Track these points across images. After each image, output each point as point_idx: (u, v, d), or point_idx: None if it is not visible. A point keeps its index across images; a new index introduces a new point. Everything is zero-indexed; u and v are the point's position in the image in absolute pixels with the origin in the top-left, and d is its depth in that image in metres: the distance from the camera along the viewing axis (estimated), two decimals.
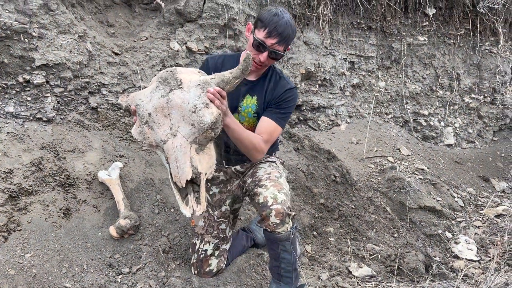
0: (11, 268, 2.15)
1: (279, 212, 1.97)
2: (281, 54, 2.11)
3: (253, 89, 2.26)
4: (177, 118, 1.80)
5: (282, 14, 2.04)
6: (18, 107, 2.72)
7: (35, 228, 2.39)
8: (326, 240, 3.13)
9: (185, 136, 1.78)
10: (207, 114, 1.77)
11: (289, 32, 2.05)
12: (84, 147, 2.88)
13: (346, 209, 3.42)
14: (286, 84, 2.24)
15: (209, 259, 2.38)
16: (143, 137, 1.87)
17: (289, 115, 2.30)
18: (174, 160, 1.78)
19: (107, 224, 2.63)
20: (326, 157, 3.91)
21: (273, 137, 2.22)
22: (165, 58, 3.24)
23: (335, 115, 4.61)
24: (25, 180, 2.50)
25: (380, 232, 3.32)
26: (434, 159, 4.71)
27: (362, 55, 4.76)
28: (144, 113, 1.85)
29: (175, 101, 1.79)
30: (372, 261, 2.95)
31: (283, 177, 2.24)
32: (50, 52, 2.76)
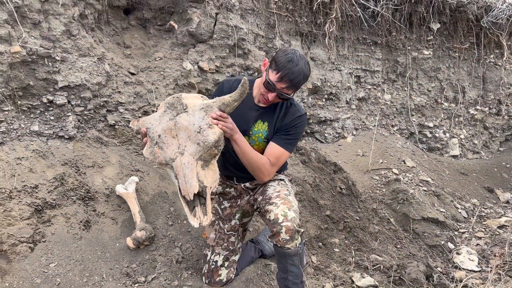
0: (37, 277, 2.34)
1: (289, 229, 2.10)
2: (288, 97, 2.24)
3: (264, 115, 2.39)
4: (184, 138, 2.01)
5: (298, 61, 2.13)
6: (42, 126, 2.92)
7: (58, 240, 2.58)
8: (331, 250, 3.27)
9: (192, 154, 1.98)
10: (210, 134, 1.98)
11: (300, 79, 2.16)
12: (102, 163, 3.07)
13: (351, 221, 3.56)
14: (296, 112, 2.36)
15: (219, 270, 2.54)
16: (154, 156, 2.08)
17: (297, 141, 2.43)
18: (182, 176, 1.97)
19: (124, 235, 2.81)
20: (332, 169, 4.05)
21: (280, 161, 2.36)
22: (178, 77, 3.43)
23: (341, 127, 4.76)
24: (49, 194, 2.69)
25: (383, 243, 3.46)
26: (439, 170, 4.82)
27: (367, 69, 4.91)
28: (154, 135, 2.07)
29: (181, 124, 2.02)
30: (375, 272, 3.08)
31: (291, 195, 2.36)
32: (71, 74, 2.96)
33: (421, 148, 5.22)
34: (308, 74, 2.22)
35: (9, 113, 2.76)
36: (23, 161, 2.71)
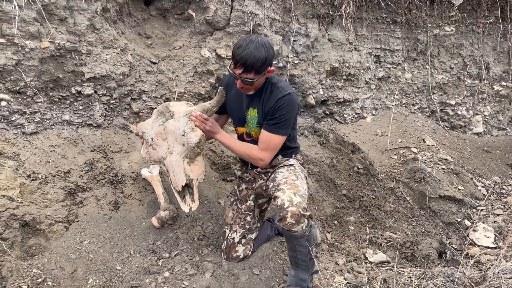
0: (72, 253, 2.59)
1: (294, 214, 2.22)
2: (252, 81, 2.28)
3: (253, 102, 2.51)
4: (172, 141, 2.43)
5: (246, 45, 2.20)
6: (72, 115, 3.15)
7: (90, 219, 2.82)
8: (346, 228, 3.40)
9: (179, 153, 2.40)
10: (193, 136, 2.38)
11: (252, 62, 2.19)
12: (128, 148, 3.28)
13: (367, 199, 3.67)
14: (279, 93, 2.37)
15: (236, 246, 2.73)
16: (149, 155, 2.54)
17: (286, 122, 2.40)
18: (172, 171, 2.41)
19: (149, 215, 3.03)
20: (350, 149, 4.14)
21: (270, 146, 2.44)
22: (197, 65, 3.58)
23: (360, 108, 4.81)
24: (80, 178, 2.94)
25: (398, 220, 3.55)
26: (460, 148, 4.82)
27: (387, 49, 4.91)
28: (148, 138, 2.53)
29: (169, 128, 2.44)
30: (388, 248, 3.20)
31: (299, 179, 2.46)
32: (97, 66, 3.16)
33: (442, 126, 5.20)
34: (262, 55, 2.21)
35: (42, 104, 3.00)
36: (56, 148, 2.96)
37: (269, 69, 2.35)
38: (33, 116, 2.95)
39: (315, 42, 4.32)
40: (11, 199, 2.59)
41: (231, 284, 2.61)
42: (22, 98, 2.90)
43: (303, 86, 4.25)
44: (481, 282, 2.63)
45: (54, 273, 2.44)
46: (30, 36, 2.83)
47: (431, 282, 2.58)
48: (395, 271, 2.82)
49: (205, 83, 3.64)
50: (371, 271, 2.88)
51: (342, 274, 2.81)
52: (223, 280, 2.61)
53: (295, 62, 4.15)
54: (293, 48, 4.13)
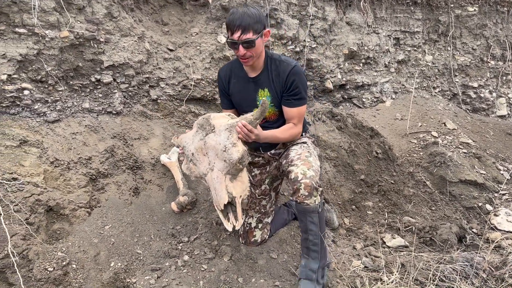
0: (95, 237, 2.68)
1: (308, 185, 2.25)
2: (253, 40, 2.30)
3: (260, 82, 2.55)
4: (213, 156, 2.28)
5: (237, 9, 2.30)
6: (92, 103, 3.21)
7: (111, 205, 2.90)
8: (364, 213, 3.40)
9: (220, 170, 2.25)
10: (234, 152, 2.22)
11: (246, 20, 2.26)
12: (147, 135, 3.34)
13: (385, 184, 3.65)
14: (287, 66, 2.45)
15: (253, 231, 2.77)
16: (190, 171, 2.41)
17: (305, 91, 2.52)
18: (213, 189, 2.27)
19: (169, 200, 3.09)
20: (369, 134, 4.10)
21: (301, 117, 2.57)
22: (213, 51, 3.59)
23: (379, 92, 4.74)
24: (101, 165, 3.01)
25: (418, 205, 3.53)
26: (483, 132, 4.72)
27: (407, 31, 4.80)
28: (189, 153, 2.40)
29: (210, 143, 2.29)
30: (407, 233, 3.18)
31: (313, 156, 2.50)
32: (115, 54, 3.20)
33: (464, 110, 5.09)
34: (254, 11, 2.30)
35: (63, 92, 3.06)
36: (77, 135, 3.03)
37: (265, 32, 2.38)
38: (54, 104, 3.03)
39: (332, 25, 4.27)
40: (36, 185, 2.68)
41: (249, 268, 2.65)
42: (44, 87, 2.97)
43: (321, 71, 4.21)
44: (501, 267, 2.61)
45: (78, 257, 2.53)
46: (49, 25, 2.88)
47: (450, 267, 2.56)
48: (413, 256, 2.82)
49: None
50: (388, 255, 2.88)
51: (359, 258, 2.82)
52: (241, 264, 2.66)
53: (312, 46, 4.11)
54: (310, 32, 4.09)
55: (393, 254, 2.88)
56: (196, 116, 3.61)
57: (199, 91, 3.58)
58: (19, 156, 2.73)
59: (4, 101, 2.81)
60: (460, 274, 2.53)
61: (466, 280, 2.50)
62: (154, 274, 2.54)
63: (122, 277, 2.52)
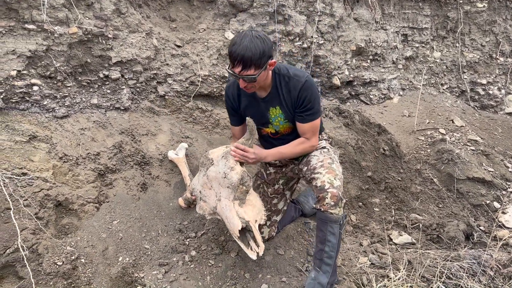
0: (103, 232, 2.70)
1: (334, 195, 2.21)
2: (253, 77, 2.16)
3: (271, 101, 2.44)
4: (217, 186, 2.33)
5: (240, 40, 2.10)
6: (101, 99, 3.23)
7: (120, 200, 2.92)
8: (371, 210, 3.40)
9: (226, 197, 2.28)
10: (234, 175, 2.26)
11: (248, 55, 2.08)
12: (155, 131, 3.35)
13: (392, 181, 3.64)
14: (297, 83, 2.32)
15: (261, 228, 2.76)
16: (203, 210, 2.43)
17: (318, 104, 2.40)
18: (225, 218, 2.26)
19: (176, 196, 3.11)
20: (376, 131, 4.09)
21: (315, 130, 2.46)
22: (221, 47, 3.59)
23: (387, 88, 4.73)
24: (109, 160, 3.03)
25: (425, 202, 3.52)
26: (491, 129, 4.68)
27: (415, 27, 4.77)
28: (197, 193, 2.48)
29: (211, 175, 2.37)
30: (414, 230, 3.18)
31: (335, 162, 2.44)
32: (123, 50, 3.22)
33: (472, 107, 5.06)
34: (259, 47, 2.10)
35: (71, 88, 3.09)
36: (86, 131, 3.05)
37: (270, 62, 2.22)
38: (63, 100, 3.05)
39: (340, 21, 4.25)
40: (45, 180, 2.71)
41: (255, 263, 2.67)
42: (52, 82, 2.99)
43: (328, 67, 4.20)
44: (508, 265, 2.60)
45: (86, 251, 2.56)
46: (58, 22, 2.90)
47: (457, 264, 2.56)
48: (420, 253, 2.82)
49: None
50: (395, 252, 2.88)
51: (366, 255, 2.82)
52: (248, 259, 2.67)
53: (319, 43, 4.10)
54: (318, 28, 4.08)
55: (399, 251, 2.88)
56: (204, 112, 3.62)
57: (206, 87, 3.59)
58: (28, 152, 2.76)
59: (13, 97, 2.84)
60: (467, 272, 2.53)
61: (473, 278, 2.50)
62: (161, 269, 2.56)
63: (130, 272, 2.55)
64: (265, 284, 2.52)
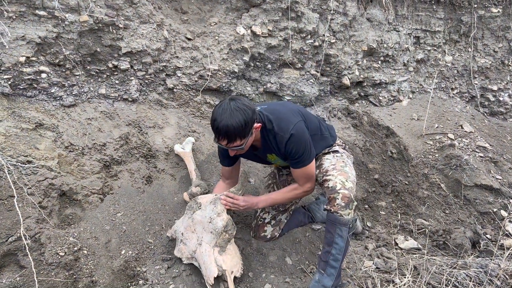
0: (106, 224, 2.67)
1: (346, 196, 2.19)
2: (240, 147, 2.18)
3: (265, 150, 2.48)
4: (200, 231, 2.34)
5: (220, 116, 2.07)
6: (109, 89, 3.19)
7: (124, 192, 2.89)
8: (377, 213, 3.36)
9: (208, 242, 2.29)
10: (219, 221, 2.30)
11: (231, 131, 2.07)
12: (162, 124, 3.32)
13: (399, 185, 3.60)
14: (282, 140, 2.29)
15: (265, 226, 2.74)
16: (181, 253, 2.39)
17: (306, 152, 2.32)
18: (203, 263, 2.25)
19: (181, 190, 3.07)
20: (385, 133, 4.05)
21: (308, 176, 2.43)
22: (231, 42, 3.55)
23: (397, 90, 4.67)
24: (115, 151, 2.99)
25: (431, 208, 3.47)
26: (500, 136, 4.63)
27: (428, 30, 4.71)
28: (178, 235, 2.46)
29: (197, 219, 2.38)
30: (420, 235, 3.14)
31: (348, 166, 2.44)
32: (133, 40, 3.17)
33: (482, 113, 5.00)
34: (239, 120, 2.06)
35: (80, 77, 3.05)
36: (92, 121, 3.02)
37: (255, 126, 2.21)
38: (71, 88, 3.01)
39: (353, 21, 4.20)
40: (50, 169, 2.67)
41: (259, 263, 2.63)
42: (61, 71, 2.96)
43: (339, 66, 4.15)
44: None
45: (89, 243, 2.53)
46: (69, 9, 2.86)
47: (464, 272, 2.52)
48: (426, 259, 2.78)
49: (239, 61, 3.60)
50: (401, 257, 2.84)
51: (371, 259, 2.79)
52: (252, 258, 2.64)
53: (331, 41, 4.05)
54: (330, 27, 4.03)
55: (405, 256, 2.85)
56: (211, 107, 3.58)
57: (215, 82, 3.55)
58: (34, 139, 2.72)
59: (21, 83, 2.80)
60: (473, 281, 2.49)
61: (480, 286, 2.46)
62: (164, 264, 2.53)
63: (133, 266, 2.51)
64: (268, 284, 2.49)
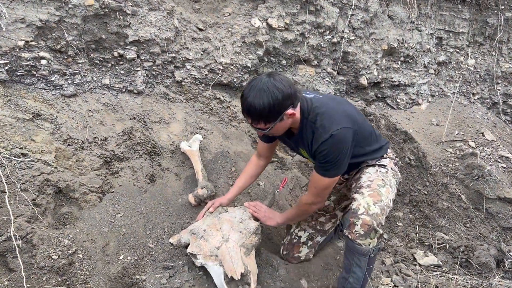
0: (105, 226, 2.46)
1: (366, 224, 1.90)
2: (263, 130, 1.95)
3: (299, 142, 2.17)
4: (227, 229, 2.28)
5: (248, 93, 1.86)
6: (113, 80, 2.98)
7: (125, 191, 2.68)
8: (394, 224, 3.14)
9: (235, 240, 2.22)
10: (251, 223, 2.32)
11: (253, 111, 1.85)
12: (169, 119, 3.11)
13: (418, 194, 3.38)
14: (320, 137, 1.97)
15: (300, 246, 2.50)
16: (199, 248, 2.26)
17: (335, 163, 2.01)
18: (229, 258, 2.14)
19: (186, 191, 2.87)
20: (402, 138, 3.83)
21: (320, 189, 2.13)
22: (245, 34, 3.33)
23: (416, 93, 4.45)
24: (117, 147, 2.79)
25: (451, 221, 3.26)
26: None
27: (451, 31, 4.48)
28: (199, 231, 2.32)
29: (225, 218, 2.35)
30: (440, 251, 2.93)
31: (386, 186, 2.10)
32: (141, 28, 2.96)
33: (504, 120, 4.77)
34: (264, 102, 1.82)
35: (82, 65, 2.84)
36: (94, 113, 2.81)
37: (288, 113, 1.91)
38: (73, 77, 2.80)
39: (374, 17, 3.96)
40: (46, 164, 2.47)
41: (268, 275, 2.42)
42: (62, 57, 2.75)
43: (357, 65, 3.93)
44: None
45: (85, 246, 2.33)
46: None
47: None
48: (448, 278, 2.57)
49: (252, 55, 3.38)
50: (420, 274, 2.63)
51: (389, 275, 2.58)
52: (261, 270, 2.42)
53: (350, 38, 3.82)
54: (350, 23, 3.80)
55: (425, 274, 2.63)
56: (221, 103, 3.36)
57: (226, 76, 3.33)
58: (30, 131, 2.52)
59: (19, 70, 2.59)
60: None
61: None
62: (166, 273, 2.33)
63: (131, 273, 2.31)
64: None
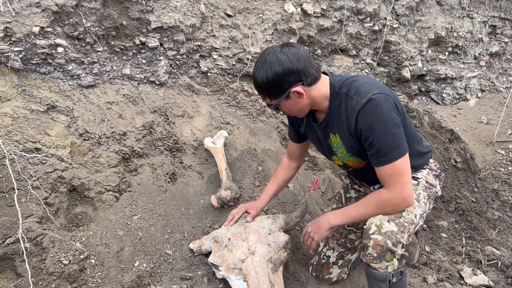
0: (120, 229, 2.29)
1: (378, 244, 1.64)
2: (271, 105, 1.77)
3: (329, 127, 1.84)
4: (254, 241, 2.06)
5: (257, 62, 1.71)
6: (134, 69, 2.78)
7: (144, 191, 2.50)
8: (437, 235, 2.83)
9: (262, 254, 2.01)
10: (281, 235, 2.09)
11: (257, 84, 1.71)
12: (192, 112, 2.89)
13: (465, 202, 3.04)
14: (355, 105, 1.65)
15: (330, 267, 2.26)
16: (222, 259, 2.05)
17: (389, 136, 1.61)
18: (254, 274, 1.94)
19: (209, 191, 2.66)
20: (448, 137, 3.47)
21: (395, 175, 1.65)
22: (278, 21, 3.05)
23: (464, 87, 4.05)
24: (136, 142, 2.60)
25: (503, 233, 2.91)
26: None
27: (507, 18, 4.03)
28: (223, 240, 2.12)
29: (252, 227, 2.13)
30: (490, 268, 2.60)
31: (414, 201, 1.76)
32: (165, 14, 2.74)
33: None
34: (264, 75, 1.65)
35: (101, 54, 2.65)
36: (113, 106, 2.62)
37: (295, 90, 1.67)
38: (91, 66, 2.62)
39: (420, 3, 3.59)
40: (60, 159, 2.31)
41: None
42: (80, 45, 2.56)
43: (399, 56, 3.58)
44: None
45: (98, 250, 2.16)
46: None
47: None
48: None
49: None
50: None
51: None
52: (287, 285, 2.19)
53: (393, 26, 3.47)
54: (394, 9, 3.45)
55: None
56: (249, 96, 3.11)
57: None
58: (45, 123, 2.36)
59: (34, 58, 2.42)
60: None
61: None
62: (183, 284, 2.13)
63: (146, 282, 2.13)
64: None
